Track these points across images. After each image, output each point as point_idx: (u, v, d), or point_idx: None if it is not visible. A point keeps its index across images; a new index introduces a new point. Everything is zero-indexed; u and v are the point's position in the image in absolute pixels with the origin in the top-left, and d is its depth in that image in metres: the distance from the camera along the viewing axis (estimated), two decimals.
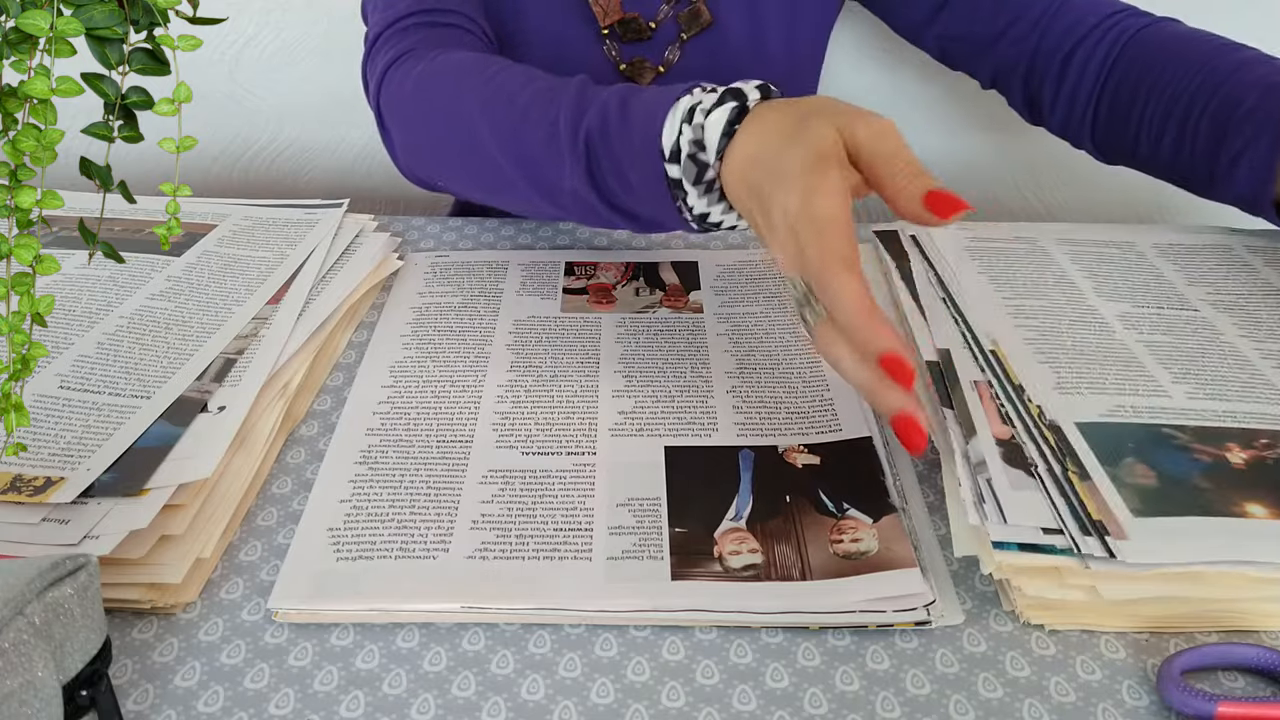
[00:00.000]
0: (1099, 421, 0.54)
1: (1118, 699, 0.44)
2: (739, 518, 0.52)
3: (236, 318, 0.65)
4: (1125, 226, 0.78)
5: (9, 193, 0.42)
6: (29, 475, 0.51)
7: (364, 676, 0.45)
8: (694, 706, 0.43)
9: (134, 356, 0.61)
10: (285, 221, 0.78)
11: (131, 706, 0.43)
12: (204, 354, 0.61)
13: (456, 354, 0.65)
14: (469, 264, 0.75)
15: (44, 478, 0.51)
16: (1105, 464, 0.51)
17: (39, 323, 0.44)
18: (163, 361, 0.61)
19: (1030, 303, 0.67)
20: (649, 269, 0.74)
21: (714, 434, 0.58)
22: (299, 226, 0.76)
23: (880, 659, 0.46)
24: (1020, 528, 0.47)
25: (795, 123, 0.48)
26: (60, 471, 0.51)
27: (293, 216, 0.78)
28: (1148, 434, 0.53)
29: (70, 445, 0.53)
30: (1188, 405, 0.56)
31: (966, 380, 0.58)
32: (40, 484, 0.51)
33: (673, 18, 0.84)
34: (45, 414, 0.56)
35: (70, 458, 0.52)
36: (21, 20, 0.40)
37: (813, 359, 0.64)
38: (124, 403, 0.57)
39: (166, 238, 0.48)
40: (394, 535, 0.50)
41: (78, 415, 0.56)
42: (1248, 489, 0.50)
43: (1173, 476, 0.50)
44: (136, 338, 0.63)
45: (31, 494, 0.50)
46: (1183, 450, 0.52)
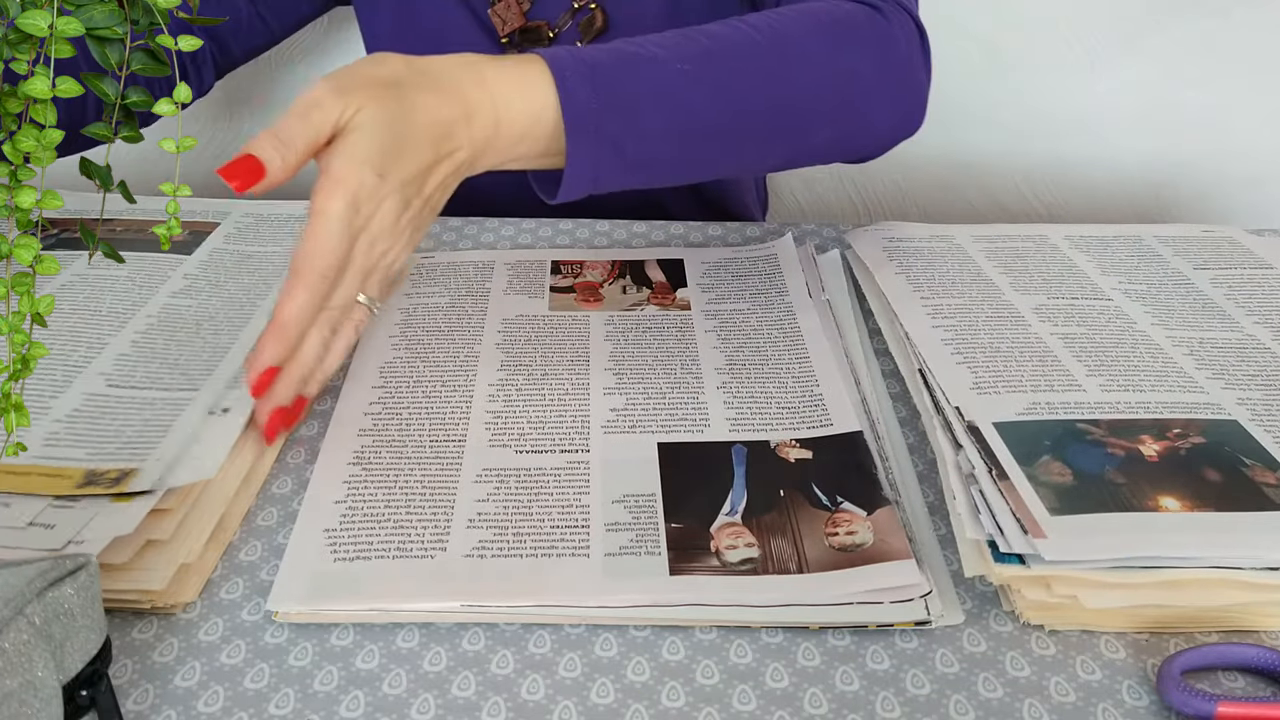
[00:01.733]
0: (1015, 420, 0.55)
1: (1118, 699, 0.44)
2: (734, 512, 0.52)
3: (261, 312, 0.67)
4: (1039, 225, 0.79)
5: (9, 193, 0.42)
6: (102, 469, 0.52)
7: (364, 676, 0.45)
8: (694, 706, 0.43)
9: (171, 353, 0.63)
10: (287, 216, 0.79)
11: (131, 706, 0.43)
12: (240, 346, 0.63)
13: (446, 354, 0.65)
14: (455, 264, 0.75)
15: (117, 470, 0.52)
16: (1022, 463, 0.51)
17: (39, 323, 0.44)
18: (202, 356, 0.62)
19: (947, 301, 0.67)
20: (635, 267, 0.74)
21: (706, 429, 0.58)
22: (302, 221, 0.77)
23: (880, 659, 0.46)
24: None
25: None
26: (130, 463, 0.52)
27: (294, 211, 0.80)
28: (1063, 430, 0.54)
29: (133, 439, 0.54)
30: (1102, 399, 0.57)
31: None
32: (115, 476, 0.51)
33: (574, 25, 0.83)
34: (100, 411, 0.57)
35: (137, 450, 0.53)
36: (21, 20, 0.40)
37: (801, 354, 0.64)
38: (174, 396, 0.58)
39: (166, 238, 0.48)
40: (390, 535, 0.50)
41: (133, 410, 0.57)
42: (1161, 482, 0.50)
43: (1088, 473, 0.51)
44: (170, 335, 0.64)
45: (109, 485, 0.51)
46: (1097, 445, 0.53)
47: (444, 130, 0.53)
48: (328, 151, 0.50)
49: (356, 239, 0.51)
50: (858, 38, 0.65)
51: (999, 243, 0.75)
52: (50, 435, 0.55)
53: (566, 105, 0.55)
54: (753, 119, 0.61)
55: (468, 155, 0.54)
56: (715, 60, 0.59)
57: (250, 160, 0.48)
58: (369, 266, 0.53)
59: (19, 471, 0.52)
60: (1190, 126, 1.16)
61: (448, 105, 0.53)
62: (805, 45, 0.62)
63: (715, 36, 0.61)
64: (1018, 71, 1.14)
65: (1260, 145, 1.17)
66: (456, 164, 0.54)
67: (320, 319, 0.53)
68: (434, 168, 0.53)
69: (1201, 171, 1.19)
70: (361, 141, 0.50)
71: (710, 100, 0.59)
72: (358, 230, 0.51)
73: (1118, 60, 1.13)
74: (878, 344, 0.67)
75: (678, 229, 0.81)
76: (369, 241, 0.52)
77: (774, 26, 0.62)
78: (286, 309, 0.51)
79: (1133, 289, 0.69)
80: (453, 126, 0.53)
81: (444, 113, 0.53)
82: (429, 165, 0.53)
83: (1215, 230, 0.78)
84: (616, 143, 0.57)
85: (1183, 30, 1.11)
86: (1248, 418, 0.56)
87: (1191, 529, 0.47)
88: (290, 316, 0.51)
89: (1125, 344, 0.63)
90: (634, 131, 0.57)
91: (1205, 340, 0.63)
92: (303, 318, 0.51)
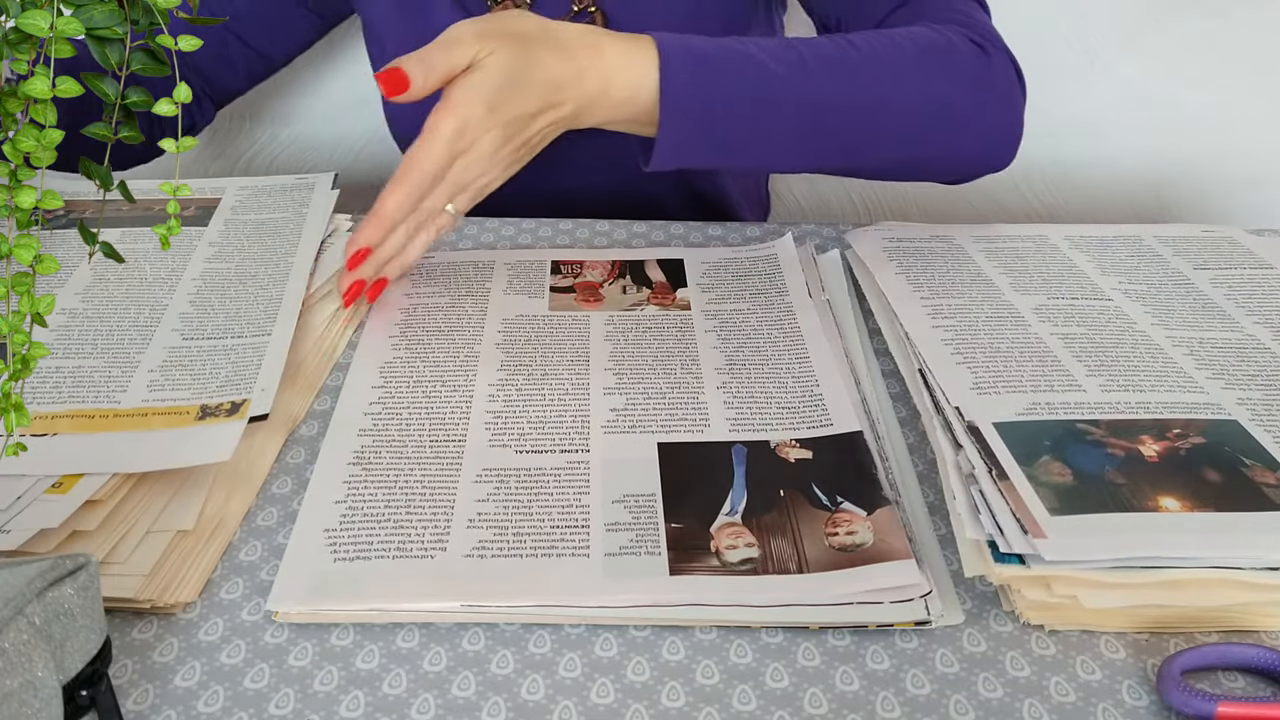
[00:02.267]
0: (1015, 420, 0.55)
1: (1118, 699, 0.44)
2: (734, 512, 0.52)
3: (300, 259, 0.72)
4: (1039, 225, 0.79)
5: (9, 193, 0.42)
6: (213, 403, 0.58)
7: (364, 676, 0.45)
8: (694, 706, 0.43)
9: (228, 307, 0.68)
10: (282, 187, 0.82)
11: (131, 706, 0.43)
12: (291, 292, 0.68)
13: (446, 354, 0.65)
14: (455, 264, 0.75)
15: (229, 402, 0.58)
16: (1022, 463, 0.51)
17: (39, 323, 0.44)
18: (259, 306, 0.68)
19: (947, 301, 0.67)
20: (635, 267, 0.74)
21: (706, 429, 0.58)
22: (299, 189, 0.81)
23: (880, 659, 0.46)
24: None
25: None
26: (240, 395, 0.59)
27: (286, 183, 0.83)
28: (1063, 431, 0.54)
29: (231, 377, 0.61)
30: (1102, 399, 0.57)
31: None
32: (229, 407, 0.58)
33: None
34: (187, 359, 0.63)
35: (238, 386, 0.60)
36: (21, 20, 0.40)
37: (801, 354, 0.64)
38: (250, 342, 0.64)
39: (166, 238, 0.48)
40: (390, 535, 0.50)
41: (219, 355, 0.63)
42: (1161, 482, 0.50)
43: (1088, 473, 0.51)
44: (220, 293, 0.69)
45: (226, 415, 0.57)
46: (1097, 445, 0.53)
47: (556, 84, 0.61)
48: (454, 82, 0.60)
49: (456, 159, 0.61)
50: (956, 68, 0.68)
51: (999, 243, 0.75)
52: (152, 383, 0.61)
53: (665, 88, 0.62)
54: (836, 130, 0.66)
55: (573, 110, 0.63)
56: (809, 68, 0.64)
57: (399, 73, 0.59)
58: (462, 184, 0.63)
59: (137, 414, 0.58)
60: (1190, 126, 1.16)
61: (565, 65, 0.61)
62: (900, 65, 0.66)
63: (814, 46, 0.66)
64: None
65: (1260, 145, 1.17)
66: (561, 115, 0.63)
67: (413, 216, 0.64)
68: (540, 114, 0.62)
69: (1201, 171, 1.19)
70: (484, 80, 0.59)
71: (797, 106, 0.64)
72: (459, 151, 0.61)
73: (1118, 60, 1.13)
74: (878, 344, 0.67)
75: (678, 229, 0.81)
76: (466, 164, 0.61)
77: (873, 45, 0.66)
78: (388, 201, 0.62)
79: (1133, 289, 0.69)
80: (565, 83, 0.61)
81: (560, 70, 0.61)
82: (535, 111, 0.61)
83: (1215, 230, 0.78)
84: (706, 129, 0.63)
85: (1183, 30, 1.11)
86: (1248, 418, 0.56)
87: (1191, 529, 0.47)
88: (390, 208, 0.62)
89: (1125, 344, 0.63)
90: (721, 122, 0.63)
91: (1205, 340, 0.63)
92: (399, 211, 0.62)
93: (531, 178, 0.80)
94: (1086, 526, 0.47)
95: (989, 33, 0.72)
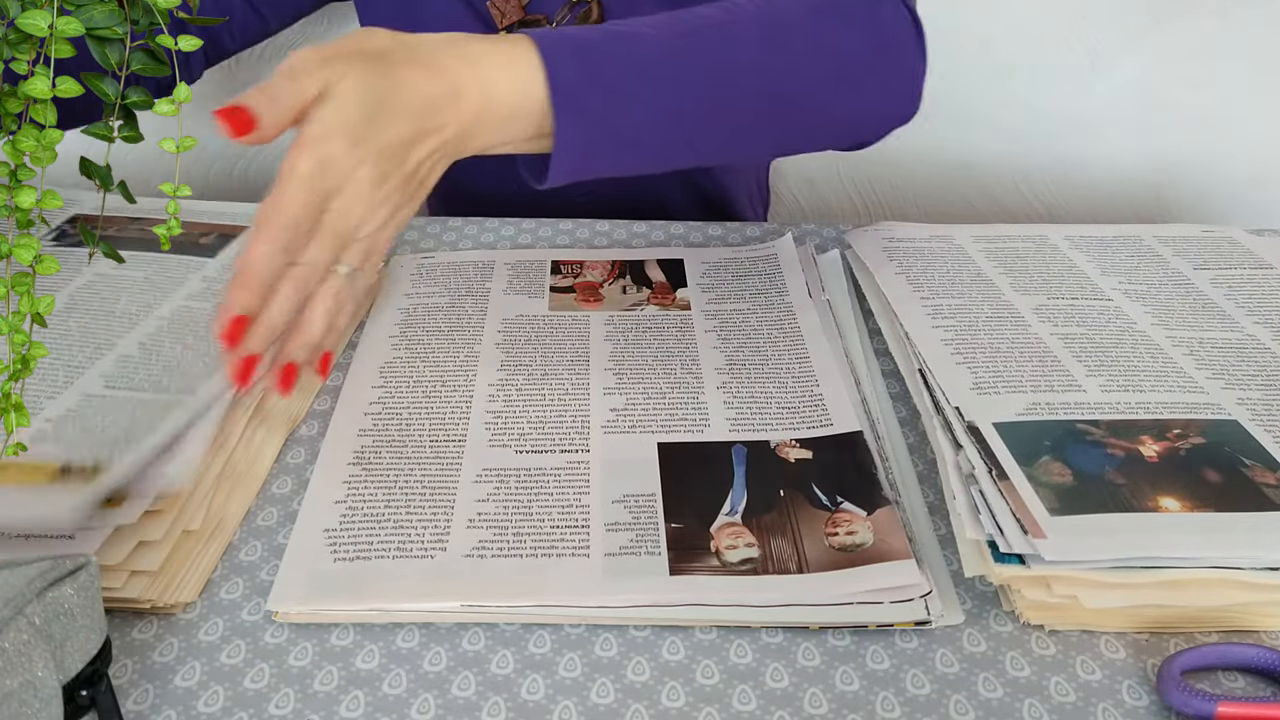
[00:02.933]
0: (1015, 421, 0.55)
1: (1118, 699, 0.44)
2: (734, 512, 0.52)
3: None
4: (1039, 225, 0.79)
5: (9, 193, 0.42)
6: (78, 464, 0.52)
7: (364, 676, 0.45)
8: (694, 706, 0.43)
9: (175, 355, 0.62)
10: None
11: (131, 706, 0.43)
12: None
13: (446, 354, 0.65)
14: (455, 264, 0.75)
15: (93, 465, 0.52)
16: (1022, 463, 0.51)
17: (39, 323, 0.44)
18: (204, 360, 0.62)
19: (947, 301, 0.67)
20: (635, 267, 0.74)
21: (706, 430, 0.58)
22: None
23: (880, 659, 0.46)
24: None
25: None
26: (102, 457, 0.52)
27: None
28: (1063, 431, 0.54)
29: (117, 438, 0.55)
30: (1102, 399, 0.57)
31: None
32: (90, 470, 0.51)
33: (571, 19, 0.82)
34: (91, 412, 0.57)
35: (116, 445, 0.54)
36: (21, 20, 0.40)
37: (801, 354, 0.64)
38: (168, 399, 0.58)
39: (166, 238, 0.48)
40: (390, 535, 0.50)
41: (124, 411, 0.57)
42: (1161, 482, 0.50)
43: (1088, 473, 0.51)
44: (178, 337, 0.64)
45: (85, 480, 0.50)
46: (1097, 446, 0.53)
47: (429, 105, 0.53)
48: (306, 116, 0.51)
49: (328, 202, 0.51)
50: (850, 19, 0.65)
51: (999, 243, 0.75)
52: (37, 432, 0.55)
53: (554, 82, 0.55)
54: (742, 97, 0.61)
55: (455, 133, 0.54)
56: (704, 38, 0.59)
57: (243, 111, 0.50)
58: (342, 232, 0.52)
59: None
60: (1190, 126, 1.16)
61: (434, 82, 0.53)
62: (796, 24, 0.62)
63: (704, 16, 0.61)
64: (1018, 71, 1.14)
65: (1260, 145, 1.17)
66: (443, 140, 0.54)
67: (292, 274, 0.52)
68: (417, 142, 0.53)
69: (1201, 171, 1.19)
70: (338, 109, 0.50)
71: (699, 77, 0.59)
72: (324, 192, 0.51)
73: (1118, 60, 1.13)
74: (878, 344, 0.67)
75: (678, 229, 0.81)
76: (342, 208, 0.52)
77: (764, 7, 0.63)
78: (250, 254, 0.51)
79: (1133, 289, 0.69)
80: (438, 103, 0.53)
81: (430, 89, 0.53)
82: (410, 139, 0.53)
83: (1215, 230, 0.78)
84: (605, 120, 0.57)
85: (1183, 30, 1.11)
86: (1248, 418, 0.56)
87: (1191, 529, 0.47)
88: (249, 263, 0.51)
89: (1125, 344, 0.63)
90: (622, 108, 0.57)
91: (1205, 340, 0.63)
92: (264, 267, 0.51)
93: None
94: (1086, 526, 0.47)
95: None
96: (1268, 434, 0.54)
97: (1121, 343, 0.63)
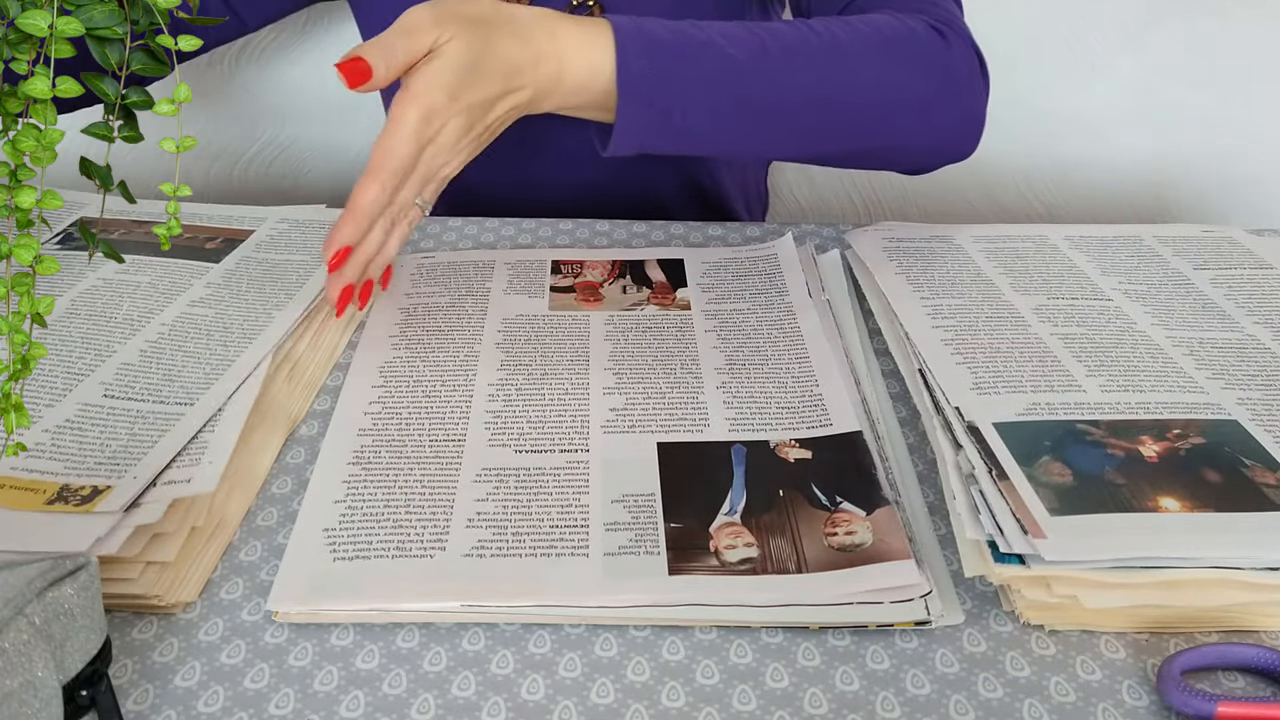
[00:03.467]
0: (1015, 421, 0.55)
1: (1118, 699, 0.44)
2: (733, 512, 0.52)
3: (277, 323, 0.65)
4: (1039, 225, 0.79)
5: (9, 193, 0.42)
6: (76, 485, 0.51)
7: (364, 676, 0.45)
8: (694, 706, 0.43)
9: (176, 363, 0.61)
10: (324, 223, 0.78)
11: (131, 706, 0.43)
12: (246, 360, 0.61)
13: (446, 353, 0.65)
14: (455, 264, 0.75)
15: (90, 487, 0.50)
16: (1022, 463, 0.51)
17: (39, 323, 0.44)
18: (204, 368, 0.61)
19: (947, 301, 0.67)
20: (635, 266, 0.74)
21: (705, 429, 0.58)
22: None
23: (880, 659, 0.46)
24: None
25: None
26: (107, 480, 0.51)
27: (330, 218, 0.78)
28: (1063, 431, 0.54)
29: (116, 454, 0.53)
30: (1102, 399, 0.57)
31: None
32: (87, 493, 0.50)
33: None
34: (90, 423, 0.56)
35: (117, 465, 0.52)
36: (21, 20, 0.40)
37: (801, 354, 0.64)
38: (168, 410, 0.57)
39: (166, 238, 0.48)
40: (390, 535, 0.50)
41: (122, 424, 0.56)
42: (1161, 483, 0.50)
43: (1088, 473, 0.51)
44: (179, 345, 0.63)
45: (79, 504, 0.49)
46: (1097, 446, 0.53)
47: (514, 69, 0.60)
48: (414, 70, 0.58)
49: (424, 148, 0.59)
50: (916, 56, 0.68)
51: (999, 243, 0.75)
52: (35, 446, 0.53)
53: (621, 72, 0.61)
54: (796, 115, 0.65)
55: (531, 94, 0.61)
56: (769, 54, 0.64)
57: (360, 62, 0.56)
58: (430, 174, 0.61)
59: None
60: (1190, 126, 1.16)
61: (522, 49, 0.60)
62: (861, 54, 0.66)
63: (775, 33, 0.65)
64: (1018, 71, 1.14)
65: (1260, 145, 1.17)
66: (519, 100, 0.61)
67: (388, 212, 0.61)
68: (500, 99, 0.60)
69: (1201, 171, 1.19)
70: (444, 67, 0.57)
71: (758, 95, 0.64)
72: (426, 140, 0.59)
73: (1118, 60, 1.13)
74: (878, 344, 0.67)
75: (678, 229, 0.81)
76: (433, 152, 0.60)
77: (835, 33, 0.66)
78: (363, 197, 0.59)
79: (1133, 289, 0.69)
80: (522, 67, 0.60)
81: (518, 54, 0.60)
82: (496, 96, 0.60)
83: (1215, 230, 0.78)
84: (664, 113, 0.62)
85: (1182, 30, 1.11)
86: (1248, 418, 0.56)
87: (1191, 529, 0.47)
88: (365, 203, 0.59)
89: (1125, 344, 0.63)
90: (680, 108, 0.62)
91: (1205, 340, 0.63)
92: (376, 205, 0.59)
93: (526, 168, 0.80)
94: (1086, 527, 0.47)
95: (952, 20, 0.71)
96: (1268, 434, 0.54)
97: (1121, 343, 0.63)
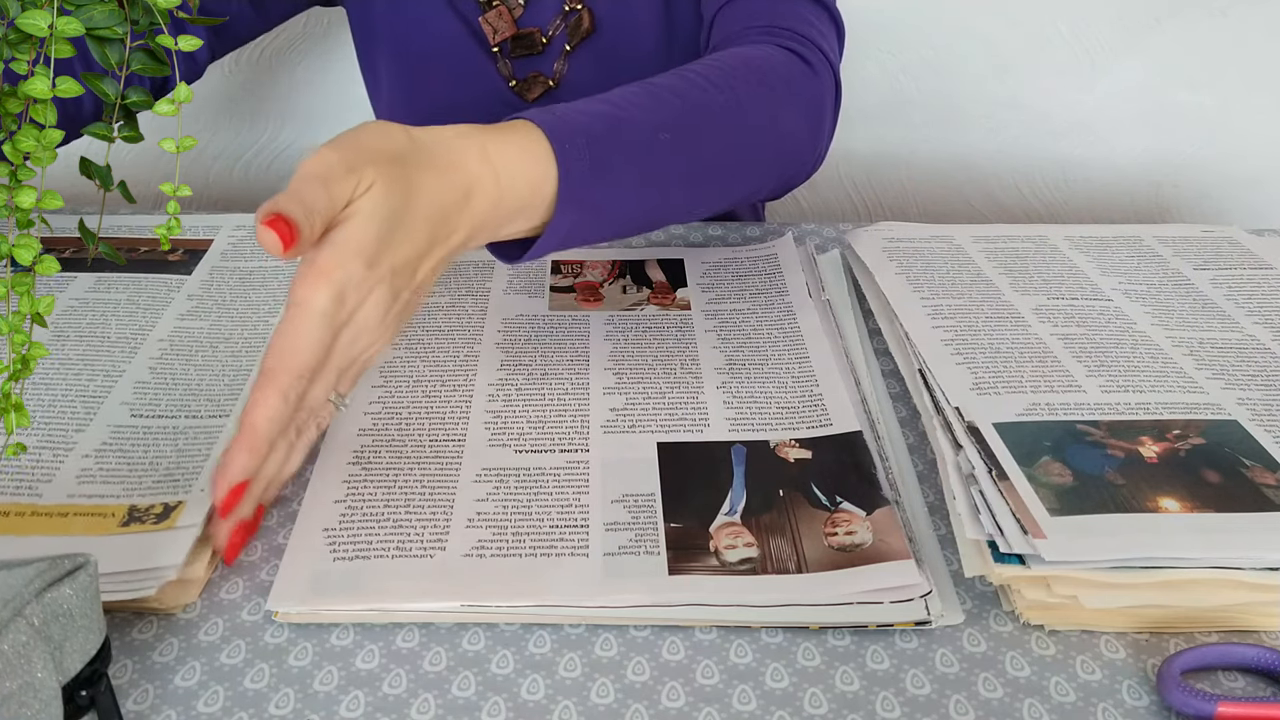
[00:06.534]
0: (1015, 421, 0.55)
1: (1118, 699, 0.44)
2: (733, 512, 0.52)
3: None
4: (1039, 225, 0.79)
5: (9, 193, 0.42)
6: (144, 504, 0.51)
7: (364, 676, 0.45)
8: (694, 706, 0.43)
9: (190, 377, 0.61)
10: None
11: (131, 706, 0.43)
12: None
13: (446, 353, 0.65)
14: (455, 264, 0.75)
15: (161, 504, 0.50)
16: (1022, 464, 0.51)
17: (39, 323, 0.44)
18: (224, 379, 0.61)
19: (947, 301, 0.67)
20: (635, 266, 0.74)
21: (705, 429, 0.58)
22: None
23: (880, 659, 0.46)
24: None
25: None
26: (175, 496, 0.51)
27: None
28: (1063, 431, 0.54)
29: (172, 470, 0.53)
30: (1102, 399, 0.57)
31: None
32: (160, 511, 0.50)
33: (564, 30, 0.82)
34: (129, 443, 0.55)
35: (177, 481, 0.52)
36: (21, 20, 0.40)
37: (801, 354, 0.64)
38: (204, 424, 0.57)
39: (166, 238, 0.48)
40: (390, 535, 0.50)
41: (165, 440, 0.56)
42: (1160, 483, 0.50)
43: (1087, 474, 0.51)
44: (186, 359, 0.63)
45: (155, 521, 0.49)
46: (1097, 446, 0.53)
47: (441, 215, 0.50)
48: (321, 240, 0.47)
49: (339, 334, 0.48)
50: (795, 100, 0.68)
51: (999, 243, 0.75)
52: (83, 473, 0.53)
53: (564, 179, 0.54)
54: (711, 179, 0.63)
55: (465, 235, 0.52)
56: (685, 127, 0.60)
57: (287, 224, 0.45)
58: (347, 363, 0.50)
59: (56, 513, 0.50)
60: (1190, 126, 1.16)
61: (450, 186, 0.50)
62: (756, 109, 0.64)
63: (683, 97, 0.61)
64: (1018, 71, 1.14)
65: (1260, 145, 1.17)
66: (451, 246, 0.52)
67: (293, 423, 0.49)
68: (427, 254, 0.50)
69: (1201, 171, 1.19)
70: (359, 229, 0.47)
71: (681, 167, 0.60)
72: (340, 324, 0.47)
73: (1118, 60, 1.13)
74: (878, 344, 0.67)
75: (678, 229, 0.81)
76: (351, 336, 0.48)
77: (731, 87, 0.63)
78: (259, 414, 0.47)
79: (1132, 289, 0.69)
80: (452, 210, 0.51)
81: (443, 194, 0.50)
82: (423, 251, 0.50)
83: (1215, 230, 0.78)
84: (596, 208, 0.56)
85: (1182, 30, 1.11)
86: (1248, 418, 0.56)
87: (1191, 529, 0.47)
88: (263, 423, 0.47)
89: (1125, 344, 0.63)
90: (613, 199, 0.57)
91: (1205, 340, 0.63)
92: (275, 425, 0.47)
93: None
94: (1086, 527, 0.47)
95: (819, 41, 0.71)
96: (1268, 434, 0.54)
97: (1121, 343, 0.63)
